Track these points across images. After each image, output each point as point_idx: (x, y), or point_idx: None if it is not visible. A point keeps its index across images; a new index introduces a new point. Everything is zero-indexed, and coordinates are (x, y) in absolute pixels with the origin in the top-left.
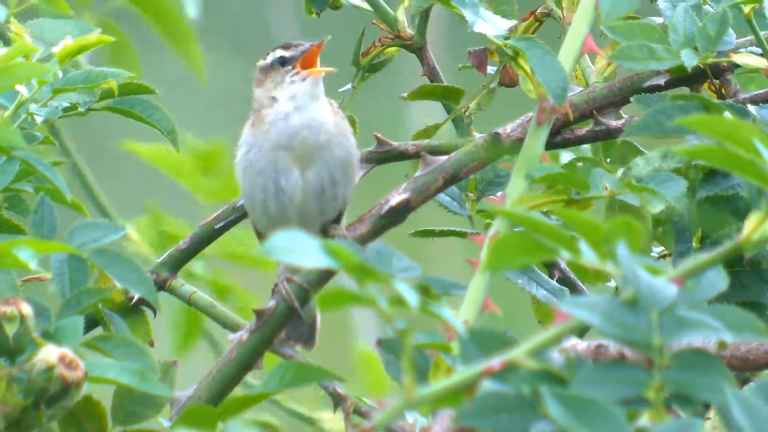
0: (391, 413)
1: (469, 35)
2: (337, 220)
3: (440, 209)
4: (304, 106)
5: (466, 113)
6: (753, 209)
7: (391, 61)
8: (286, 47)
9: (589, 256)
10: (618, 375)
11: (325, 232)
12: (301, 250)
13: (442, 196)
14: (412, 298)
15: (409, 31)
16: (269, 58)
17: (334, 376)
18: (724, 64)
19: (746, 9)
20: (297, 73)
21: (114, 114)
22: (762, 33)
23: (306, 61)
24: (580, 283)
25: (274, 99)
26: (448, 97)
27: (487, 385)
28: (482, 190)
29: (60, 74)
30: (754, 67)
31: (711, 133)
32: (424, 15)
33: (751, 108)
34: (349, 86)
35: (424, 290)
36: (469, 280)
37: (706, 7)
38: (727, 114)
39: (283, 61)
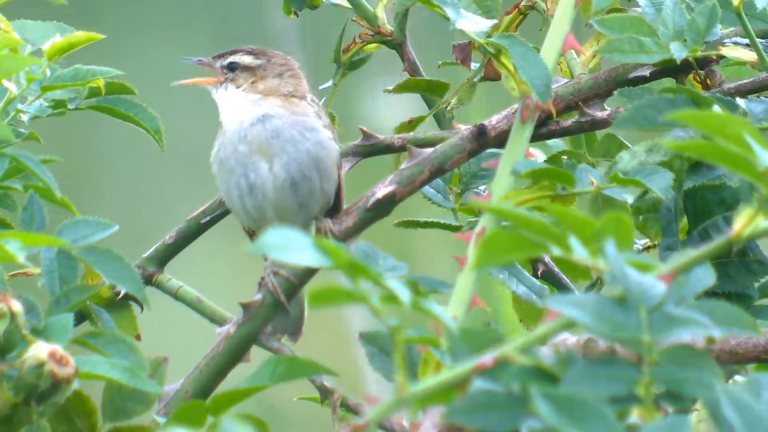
0: (383, 410)
1: (449, 31)
2: (328, 214)
3: (425, 202)
4: (231, 105)
5: (448, 108)
6: (743, 204)
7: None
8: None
9: (580, 253)
10: (608, 372)
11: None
12: (292, 247)
13: (426, 189)
14: (404, 294)
15: (389, 27)
16: None
17: (328, 370)
18: (712, 56)
19: (735, 2)
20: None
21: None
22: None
23: None
24: (565, 278)
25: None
26: (433, 90)
27: (477, 383)
28: (466, 183)
29: (48, 72)
30: (742, 60)
31: (702, 127)
32: (405, 11)
33: (739, 101)
34: (330, 83)
35: (413, 288)
36: (455, 276)
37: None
38: (716, 107)
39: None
